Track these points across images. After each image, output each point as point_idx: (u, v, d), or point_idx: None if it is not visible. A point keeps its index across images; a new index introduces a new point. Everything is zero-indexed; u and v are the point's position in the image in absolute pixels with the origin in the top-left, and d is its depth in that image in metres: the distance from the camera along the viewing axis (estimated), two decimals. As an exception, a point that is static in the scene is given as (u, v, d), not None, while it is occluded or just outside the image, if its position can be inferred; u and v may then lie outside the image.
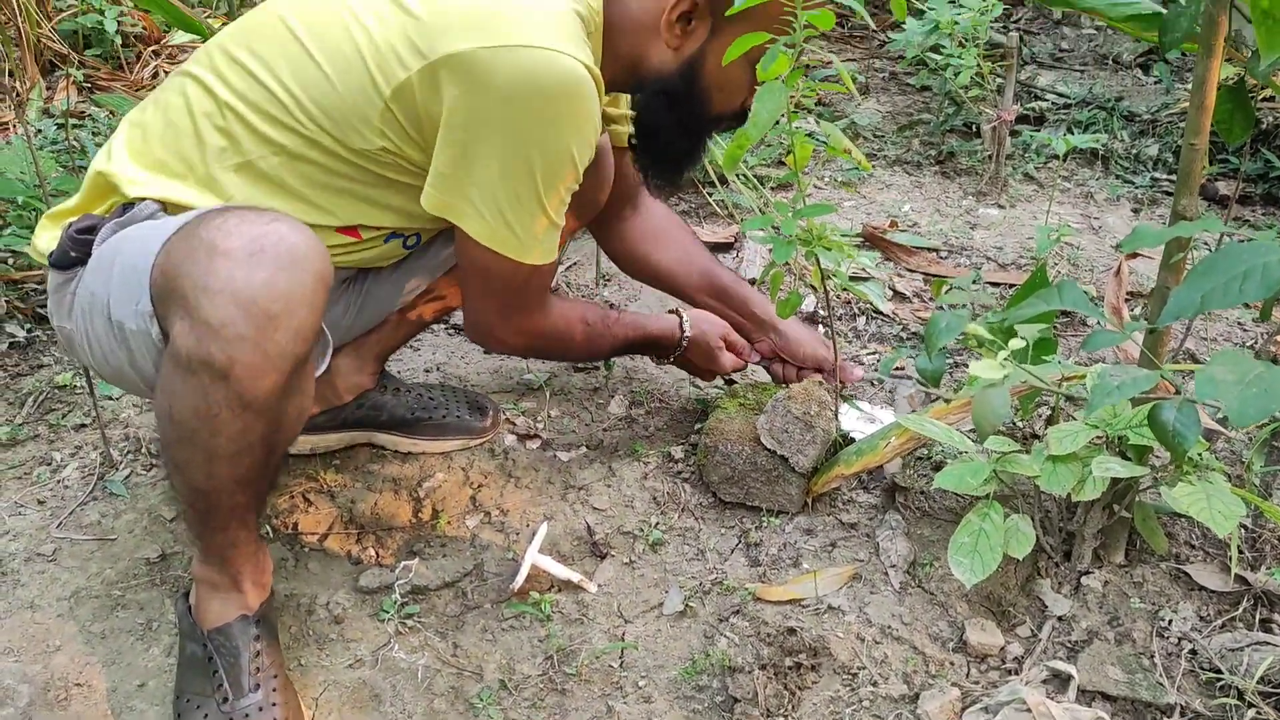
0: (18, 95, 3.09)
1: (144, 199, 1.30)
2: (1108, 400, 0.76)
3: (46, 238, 1.34)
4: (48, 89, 3.16)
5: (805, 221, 1.49)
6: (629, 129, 1.56)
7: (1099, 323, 0.91)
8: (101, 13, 3.36)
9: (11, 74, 3.15)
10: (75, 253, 1.29)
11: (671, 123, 1.47)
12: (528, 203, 1.32)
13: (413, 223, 1.46)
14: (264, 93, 1.30)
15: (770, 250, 1.46)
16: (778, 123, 1.42)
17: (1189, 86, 3.15)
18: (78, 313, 1.29)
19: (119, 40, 3.36)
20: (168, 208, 1.30)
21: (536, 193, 1.31)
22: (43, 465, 1.73)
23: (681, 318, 1.74)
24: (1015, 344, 0.94)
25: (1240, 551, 1.46)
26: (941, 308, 1.18)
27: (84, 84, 3.20)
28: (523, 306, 1.48)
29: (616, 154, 1.67)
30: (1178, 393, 0.83)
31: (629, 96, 1.60)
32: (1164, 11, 1.29)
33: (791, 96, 1.41)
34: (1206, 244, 2.46)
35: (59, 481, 1.70)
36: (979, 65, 2.79)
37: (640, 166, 1.59)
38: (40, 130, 2.88)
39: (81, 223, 1.30)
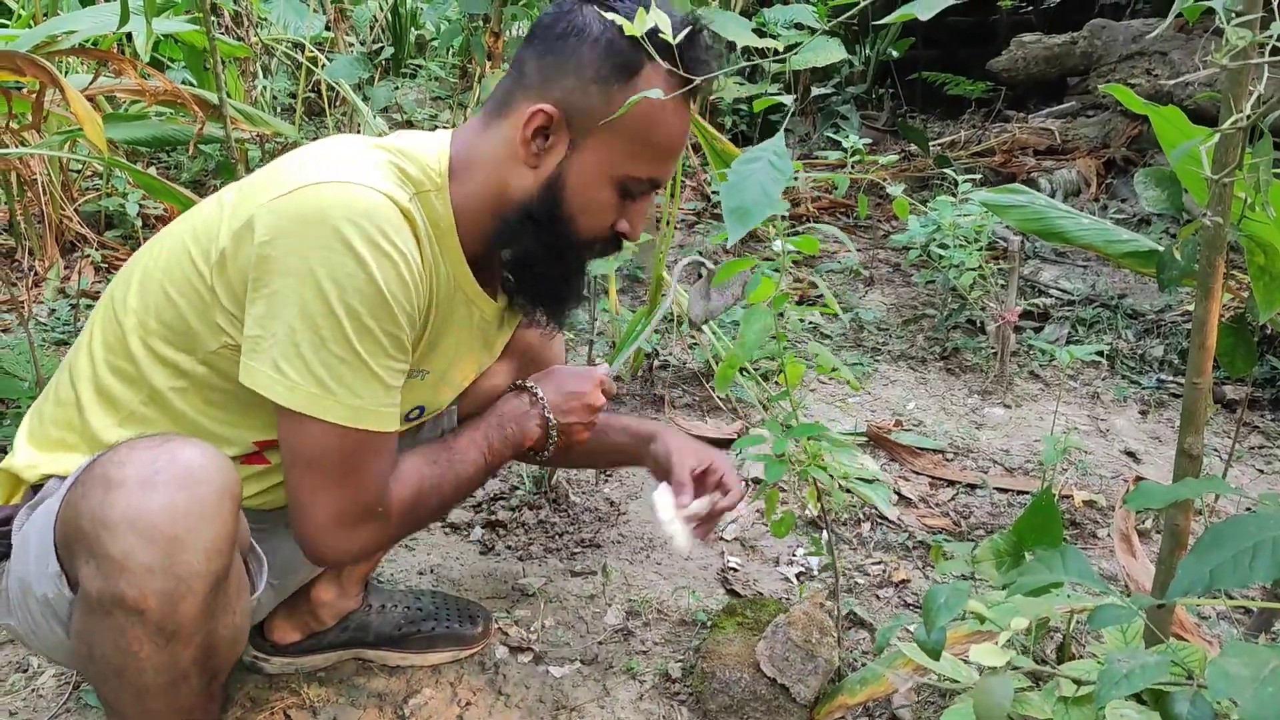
0: (36, 275, 3.15)
1: (49, 476, 1.26)
2: (1116, 692, 0.73)
3: None
4: (66, 269, 3.23)
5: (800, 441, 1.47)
6: None
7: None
8: (125, 196, 3.46)
9: (31, 253, 3.22)
10: None
11: (540, 248, 1.32)
12: (336, 346, 1.15)
13: None
14: (119, 333, 1.26)
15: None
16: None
17: (1190, 288, 3.18)
18: (14, 606, 1.24)
19: (139, 223, 3.45)
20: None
21: (343, 334, 1.15)
22: (19, 672, 1.67)
23: (522, 400, 1.48)
24: (1018, 623, 0.90)
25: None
26: (939, 580, 1.14)
27: (101, 265, 3.27)
28: (360, 492, 1.23)
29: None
30: (1190, 677, 0.79)
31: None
32: (1160, 249, 1.30)
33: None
34: (1217, 451, 2.44)
35: (33, 690, 1.64)
36: (981, 265, 2.83)
37: (524, 310, 1.43)
38: (54, 310, 2.92)
39: None
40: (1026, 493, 2.27)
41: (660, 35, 1.13)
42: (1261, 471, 2.42)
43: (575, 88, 1.24)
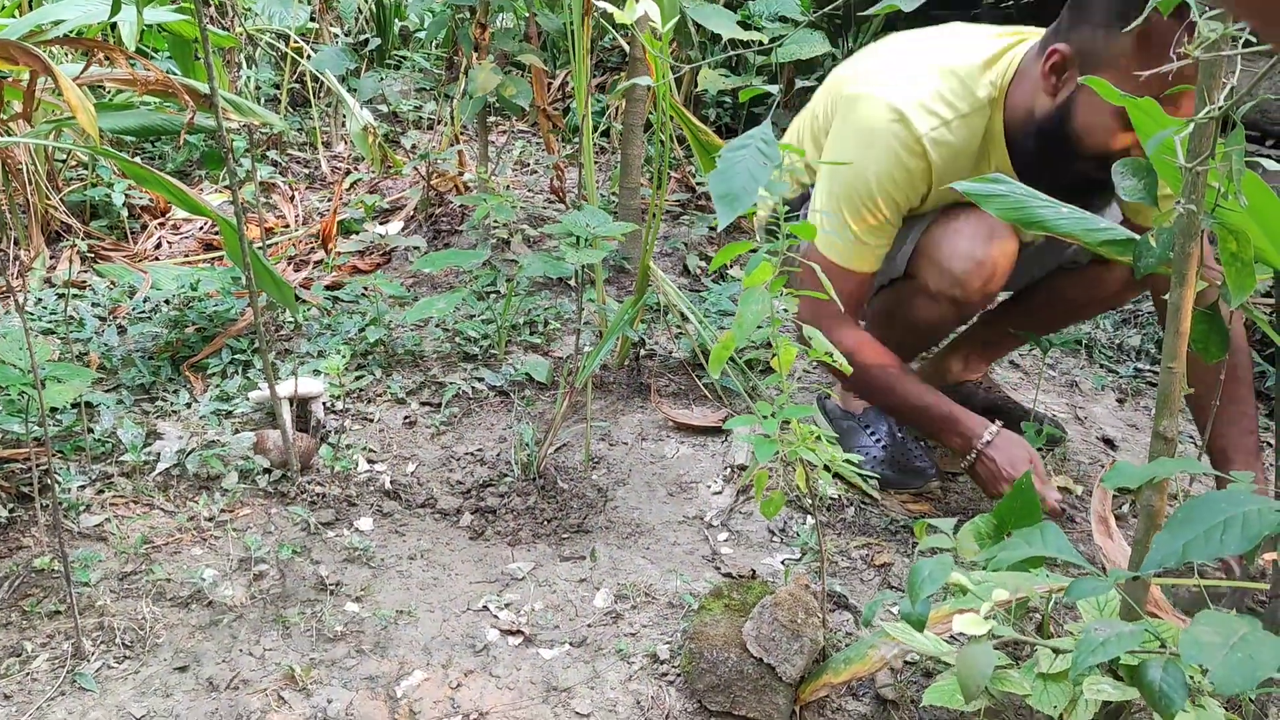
0: (21, 264, 3.15)
1: None
2: (1093, 659, 0.76)
3: None
4: (51, 258, 3.23)
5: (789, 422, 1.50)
6: None
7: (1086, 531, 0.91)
8: (110, 185, 3.46)
9: (17, 242, 3.22)
10: None
11: (1038, 154, 1.81)
12: (840, 214, 1.89)
13: None
14: None
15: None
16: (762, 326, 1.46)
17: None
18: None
19: (125, 212, 3.45)
20: None
21: (839, 209, 1.90)
22: (12, 656, 1.69)
23: (992, 428, 1.96)
24: (999, 594, 0.93)
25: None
26: (924, 552, 1.18)
27: (87, 254, 3.27)
28: (827, 307, 1.68)
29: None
30: (1163, 646, 0.82)
31: None
32: (1136, 238, 1.34)
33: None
34: (1193, 439, 2.48)
35: (27, 674, 1.65)
36: (963, 255, 2.85)
37: None
38: (40, 300, 2.92)
39: None
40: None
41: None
42: (1236, 458, 2.46)
43: (1087, 33, 1.70)
